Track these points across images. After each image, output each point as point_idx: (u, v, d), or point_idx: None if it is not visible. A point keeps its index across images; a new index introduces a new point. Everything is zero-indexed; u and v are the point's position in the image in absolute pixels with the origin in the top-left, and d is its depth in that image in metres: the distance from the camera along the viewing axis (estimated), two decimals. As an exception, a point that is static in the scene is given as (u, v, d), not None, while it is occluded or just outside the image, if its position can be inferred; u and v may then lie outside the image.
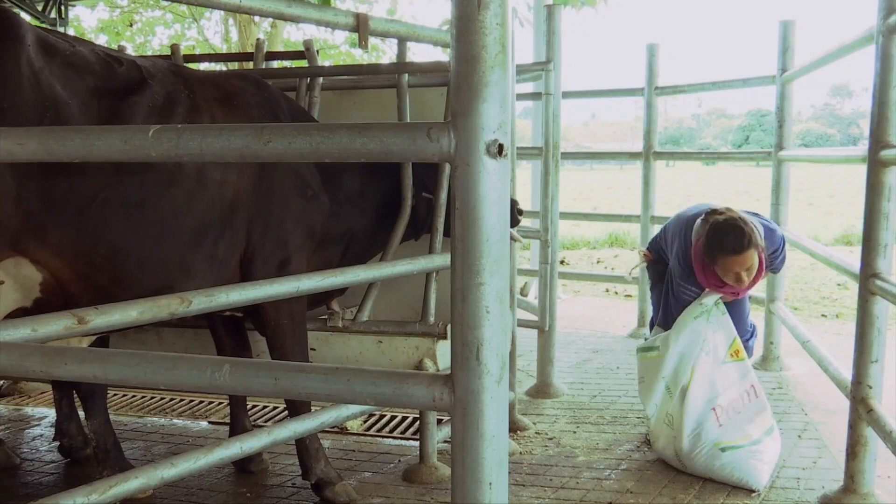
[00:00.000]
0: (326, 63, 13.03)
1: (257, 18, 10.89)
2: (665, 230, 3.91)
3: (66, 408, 3.55)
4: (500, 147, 1.18)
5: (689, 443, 3.29)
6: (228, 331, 3.29)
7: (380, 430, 3.95)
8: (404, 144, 1.26)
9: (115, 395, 4.50)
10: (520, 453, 3.59)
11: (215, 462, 2.46)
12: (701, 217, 3.49)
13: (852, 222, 12.11)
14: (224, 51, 13.24)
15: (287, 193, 2.90)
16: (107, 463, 3.11)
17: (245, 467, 3.40)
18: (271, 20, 10.89)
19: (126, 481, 2.21)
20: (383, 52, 13.67)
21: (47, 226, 2.33)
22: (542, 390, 4.47)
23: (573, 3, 9.14)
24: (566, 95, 5.27)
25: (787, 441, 3.55)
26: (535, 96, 5.68)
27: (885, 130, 2.77)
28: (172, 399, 4.49)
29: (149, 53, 11.69)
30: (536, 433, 3.85)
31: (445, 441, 3.45)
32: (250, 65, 4.15)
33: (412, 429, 3.91)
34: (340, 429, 3.89)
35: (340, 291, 3.21)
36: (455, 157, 1.20)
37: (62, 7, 6.41)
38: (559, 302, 4.70)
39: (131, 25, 14.59)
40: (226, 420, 3.77)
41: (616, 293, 7.82)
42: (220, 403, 4.32)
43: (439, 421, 3.39)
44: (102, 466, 3.10)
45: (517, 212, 3.34)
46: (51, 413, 3.83)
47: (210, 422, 4.12)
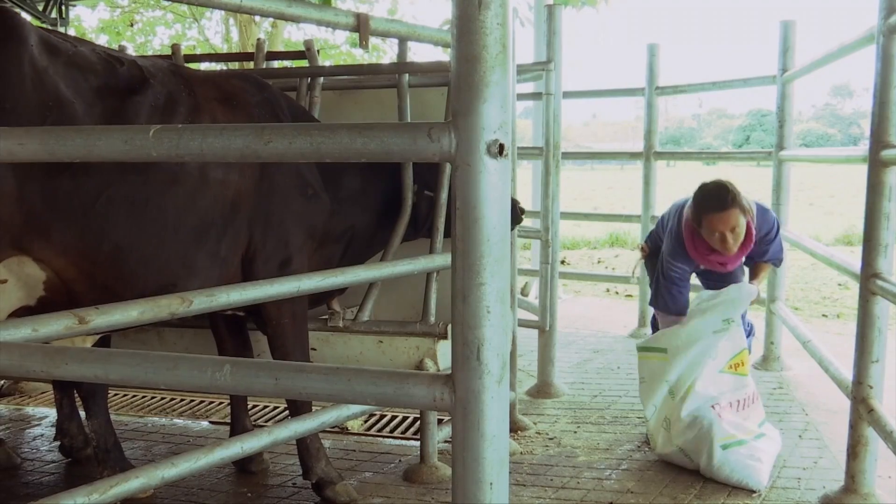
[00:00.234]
0: (327, 63, 13.03)
1: (258, 18, 10.89)
2: (662, 219, 3.94)
3: (67, 407, 3.55)
4: (501, 147, 1.18)
5: (692, 437, 3.28)
6: (230, 330, 3.29)
7: (380, 430, 3.95)
8: (405, 144, 1.26)
9: (116, 395, 4.50)
10: (520, 453, 3.59)
11: (216, 462, 2.46)
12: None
13: (853, 222, 12.10)
14: (225, 51, 13.24)
15: (288, 193, 2.90)
16: (107, 463, 3.11)
17: (246, 467, 3.40)
18: (272, 20, 10.89)
19: (127, 481, 2.21)
20: (384, 52, 13.66)
21: (51, 225, 2.34)
22: (543, 390, 4.47)
23: (574, 3, 9.14)
24: (567, 95, 5.27)
25: (788, 441, 3.55)
26: (536, 96, 5.68)
27: (886, 130, 2.77)
28: (173, 399, 4.49)
29: (149, 53, 11.69)
30: (537, 433, 3.85)
31: (446, 441, 3.45)
32: (251, 65, 4.15)
33: (413, 429, 3.91)
34: (341, 429, 3.89)
35: (341, 290, 3.21)
36: (456, 157, 1.20)
37: (63, 7, 6.40)
38: (560, 302, 4.70)
39: (132, 25, 14.59)
40: (226, 420, 3.78)
41: (617, 293, 7.82)
42: (221, 403, 4.32)
43: (440, 421, 3.39)
44: (103, 466, 3.10)
45: (519, 211, 3.34)
46: (52, 413, 3.83)
47: (211, 422, 4.12)
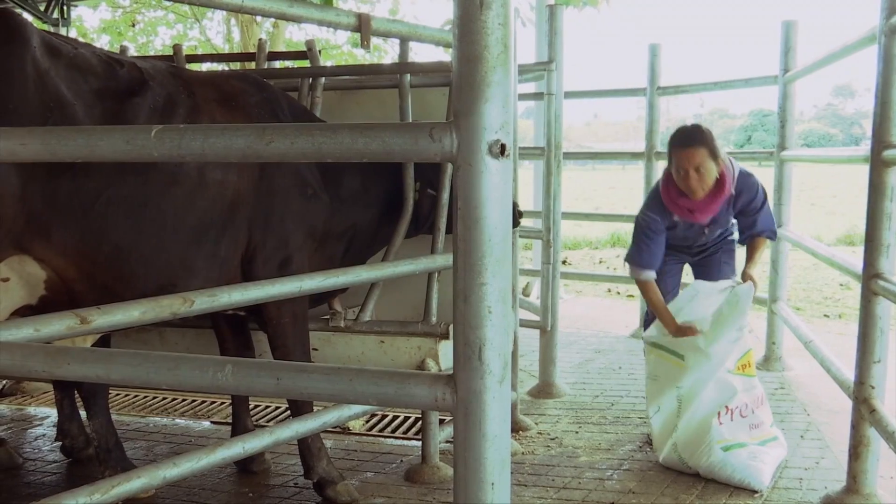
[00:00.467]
0: (328, 63, 13.03)
1: (259, 18, 10.89)
2: None
3: (68, 408, 3.56)
4: (503, 147, 1.18)
5: (692, 442, 3.28)
6: (232, 330, 3.29)
7: (382, 430, 3.95)
8: (406, 144, 1.26)
9: (118, 395, 4.51)
10: (522, 453, 3.59)
11: (217, 462, 2.46)
12: None
13: (855, 222, 12.07)
14: (226, 51, 13.22)
15: (288, 192, 2.90)
16: (109, 463, 3.11)
17: (247, 467, 3.40)
18: (273, 20, 10.89)
19: (128, 481, 2.22)
20: (385, 52, 13.65)
21: (51, 225, 2.35)
22: (545, 390, 4.46)
23: (575, 3, 9.12)
24: (568, 95, 5.27)
25: (790, 441, 3.54)
26: (538, 96, 5.67)
27: (888, 130, 2.77)
28: (174, 399, 4.49)
29: (151, 53, 11.71)
30: (538, 433, 3.85)
31: (447, 441, 3.45)
32: (253, 65, 4.15)
33: (414, 429, 3.91)
34: (342, 429, 3.89)
35: (342, 290, 3.21)
36: (457, 157, 1.20)
37: (65, 7, 6.40)
38: (561, 302, 4.70)
39: (133, 26, 14.59)
40: (228, 420, 3.78)
41: (618, 293, 7.81)
42: (223, 403, 4.32)
43: (441, 421, 3.39)
44: (104, 466, 3.10)
45: (517, 213, 3.34)
46: (53, 413, 3.83)
47: (212, 421, 4.13)
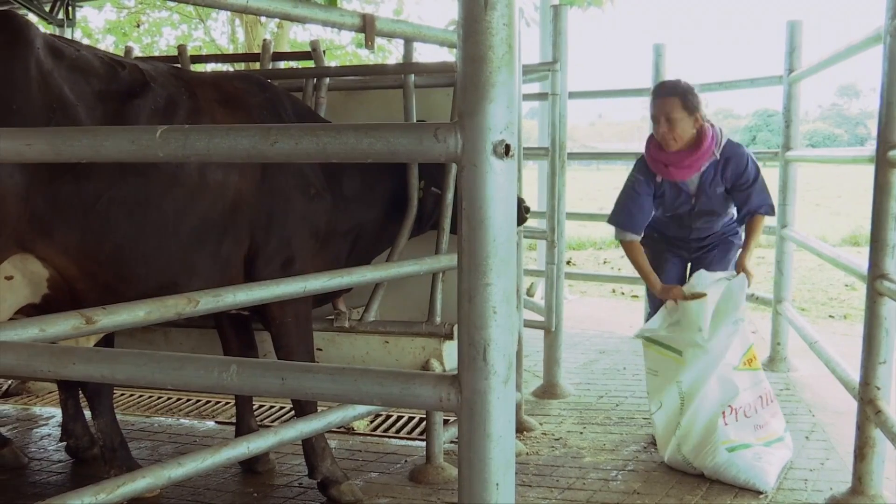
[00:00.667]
0: (333, 63, 13.04)
1: (264, 19, 10.90)
2: None
3: (72, 408, 3.56)
4: (508, 147, 1.18)
5: (696, 442, 3.27)
6: (235, 330, 3.29)
7: (386, 431, 3.95)
8: (411, 145, 1.25)
9: (122, 395, 4.51)
10: (526, 454, 3.59)
11: (222, 462, 2.46)
12: None
13: (860, 223, 12.05)
14: (231, 51, 13.25)
15: (290, 193, 2.90)
16: (114, 462, 3.11)
17: (252, 467, 3.41)
18: (278, 21, 10.91)
19: (133, 481, 2.22)
20: (389, 53, 13.66)
21: (53, 225, 2.36)
22: (549, 391, 4.46)
23: (579, 4, 9.12)
24: (573, 96, 5.24)
25: (795, 442, 3.53)
26: (542, 96, 5.67)
27: (893, 130, 2.76)
28: (179, 399, 4.50)
29: (156, 54, 11.72)
30: (543, 434, 3.85)
31: (452, 441, 3.45)
32: (257, 65, 4.15)
33: (418, 429, 3.91)
34: (347, 429, 3.90)
35: (346, 289, 3.21)
36: (462, 158, 1.20)
37: (70, 8, 6.41)
38: (565, 302, 4.70)
39: (138, 26, 14.62)
40: (232, 420, 3.78)
41: (622, 294, 7.81)
42: (227, 403, 4.32)
43: (445, 421, 3.39)
44: (110, 466, 3.11)
45: (524, 209, 3.34)
46: (58, 413, 3.84)
47: (217, 422, 4.13)
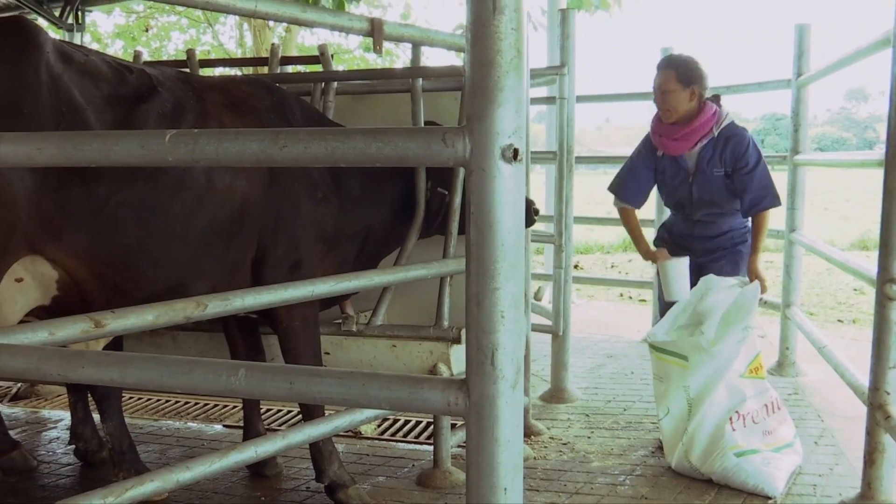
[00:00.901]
0: (341, 67, 13.07)
1: (272, 23, 10.94)
2: None
3: (81, 411, 3.57)
4: (516, 152, 1.18)
5: (704, 448, 3.26)
6: (243, 333, 3.30)
7: (394, 435, 3.95)
8: (419, 149, 1.26)
9: (130, 399, 4.53)
10: (534, 458, 3.58)
11: (230, 465, 2.47)
12: None
13: (869, 227, 12.00)
14: (239, 55, 13.31)
15: (297, 196, 2.91)
16: (122, 465, 3.12)
17: (259, 471, 3.41)
18: (285, 25, 10.94)
19: (142, 484, 2.22)
20: (397, 57, 13.71)
21: (62, 227, 2.37)
22: (557, 395, 4.46)
23: (587, 7, 9.12)
24: (580, 99, 5.25)
25: (804, 448, 3.51)
26: (550, 100, 5.65)
27: (903, 134, 2.75)
28: (187, 402, 4.51)
29: (164, 58, 11.77)
30: (550, 438, 3.84)
31: (459, 446, 3.45)
32: (265, 69, 4.16)
33: (426, 433, 3.91)
34: (354, 433, 3.90)
35: (354, 293, 3.22)
36: (470, 162, 1.20)
37: (79, 12, 6.46)
38: (573, 306, 4.69)
39: (147, 31, 14.72)
40: (240, 424, 3.79)
41: (630, 298, 7.80)
42: (235, 407, 4.33)
43: (453, 426, 3.39)
44: (118, 469, 3.12)
45: (533, 212, 3.34)
46: (67, 416, 3.86)
47: (224, 425, 4.14)
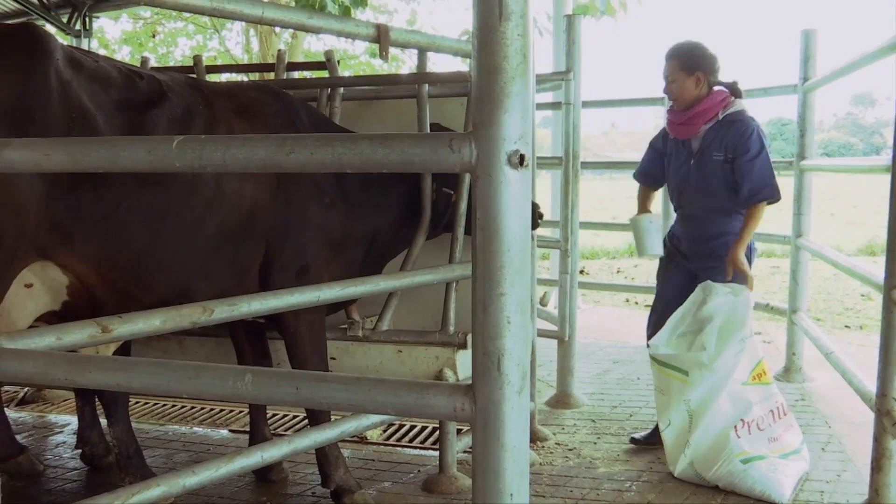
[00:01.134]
0: (347, 73, 13.10)
1: (278, 29, 10.97)
2: None
3: (88, 416, 3.58)
4: (522, 157, 1.18)
5: (708, 457, 3.25)
6: (250, 338, 3.31)
7: (399, 440, 3.95)
8: (426, 155, 1.26)
9: (137, 403, 4.53)
10: (540, 464, 3.57)
11: (236, 470, 2.47)
12: None
13: (876, 232, 11.95)
14: (245, 61, 13.34)
15: (305, 202, 2.92)
16: (129, 470, 3.13)
17: (265, 476, 3.41)
18: (292, 31, 10.98)
19: (148, 489, 2.23)
20: (403, 63, 13.73)
21: (73, 233, 2.38)
22: (563, 401, 4.45)
23: (593, 13, 9.12)
24: (586, 105, 5.24)
25: (811, 454, 3.50)
26: (555, 106, 5.66)
27: (910, 140, 2.74)
28: (193, 407, 4.52)
29: (171, 64, 11.82)
30: (556, 444, 3.84)
31: (465, 451, 3.45)
32: (272, 75, 4.18)
33: (432, 439, 3.90)
34: (360, 438, 3.90)
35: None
36: (476, 168, 1.20)
37: (87, 19, 6.50)
38: (579, 312, 4.68)
39: (154, 37, 14.78)
40: (246, 429, 3.79)
41: (636, 303, 7.78)
42: (241, 412, 4.33)
43: (459, 431, 3.39)
44: (125, 473, 3.12)
45: (538, 215, 3.34)
46: (74, 420, 3.86)
47: (231, 430, 4.14)
